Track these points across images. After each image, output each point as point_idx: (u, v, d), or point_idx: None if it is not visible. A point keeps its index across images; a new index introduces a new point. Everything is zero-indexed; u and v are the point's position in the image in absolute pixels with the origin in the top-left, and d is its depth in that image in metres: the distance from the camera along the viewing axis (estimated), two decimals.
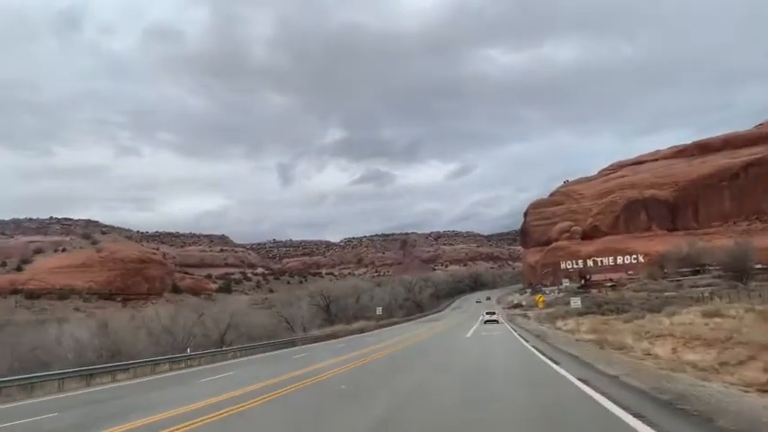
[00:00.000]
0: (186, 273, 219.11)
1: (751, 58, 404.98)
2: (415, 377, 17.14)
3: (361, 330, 58.28)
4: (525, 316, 71.05)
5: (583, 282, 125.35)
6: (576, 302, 32.97)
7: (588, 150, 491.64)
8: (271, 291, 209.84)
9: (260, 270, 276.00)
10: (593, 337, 25.24)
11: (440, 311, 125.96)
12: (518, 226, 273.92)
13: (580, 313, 53.60)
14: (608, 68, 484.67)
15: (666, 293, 71.98)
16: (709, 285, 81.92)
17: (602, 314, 52.73)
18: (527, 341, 28.66)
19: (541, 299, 54.60)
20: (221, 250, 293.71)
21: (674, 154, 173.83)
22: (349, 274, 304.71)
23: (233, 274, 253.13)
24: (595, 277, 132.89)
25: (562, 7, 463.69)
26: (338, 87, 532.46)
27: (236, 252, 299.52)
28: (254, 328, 53.66)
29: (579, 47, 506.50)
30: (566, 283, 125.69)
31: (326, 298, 75.77)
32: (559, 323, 42.92)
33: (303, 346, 45.51)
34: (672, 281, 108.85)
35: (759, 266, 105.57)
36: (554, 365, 17.50)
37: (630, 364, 15.52)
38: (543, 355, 21.48)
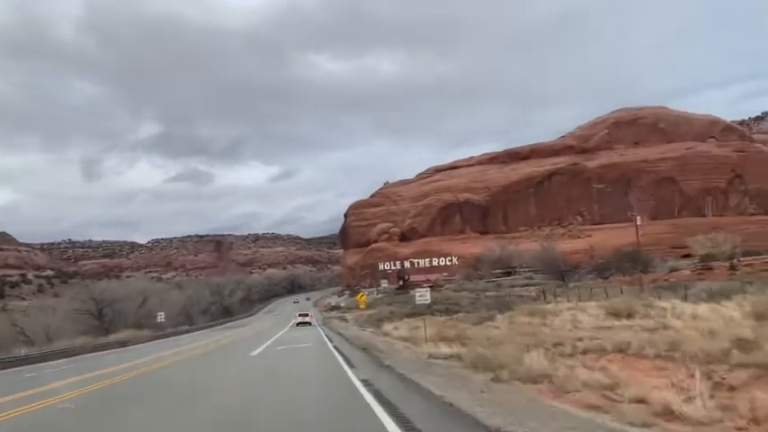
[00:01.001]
0: None
1: (548, 86, 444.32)
2: None
3: (123, 343, 43.82)
4: (343, 319, 61.38)
5: (401, 282, 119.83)
6: (423, 297, 22.44)
7: (407, 160, 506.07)
8: (56, 295, 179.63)
9: (48, 272, 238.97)
10: (455, 351, 15.20)
11: (250, 316, 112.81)
12: (338, 230, 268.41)
13: (408, 315, 44.62)
14: (424, 83, 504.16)
15: (489, 293, 66.39)
16: (527, 285, 78.88)
17: (432, 314, 44.32)
18: (351, 364, 17.87)
19: (363, 298, 45.33)
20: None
21: (488, 160, 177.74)
22: (155, 278, 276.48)
23: (11, 276, 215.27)
24: (413, 278, 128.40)
25: (385, 20, 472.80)
26: (154, 80, 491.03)
27: (18, 252, 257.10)
28: None
29: (399, 60, 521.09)
30: (384, 284, 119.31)
31: (98, 302, 59.45)
32: (387, 327, 33.14)
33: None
34: (488, 281, 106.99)
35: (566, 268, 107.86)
36: None
37: None
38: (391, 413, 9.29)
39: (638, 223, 79.29)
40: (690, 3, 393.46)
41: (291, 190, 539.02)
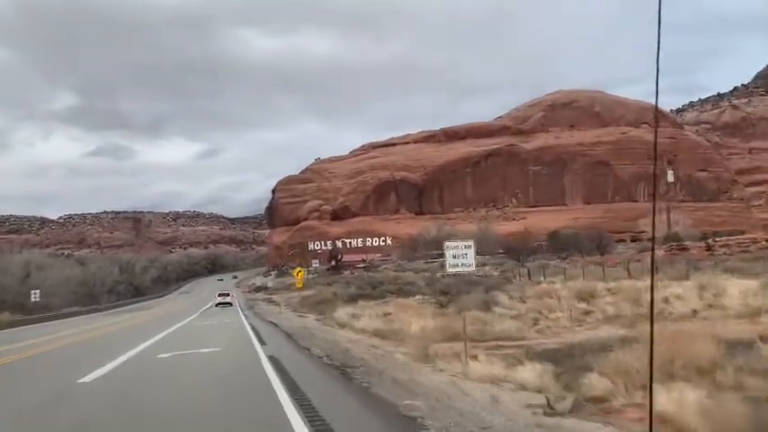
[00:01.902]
0: None
1: (479, 74, 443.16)
2: None
3: None
4: (272, 301, 51.40)
5: (333, 263, 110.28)
6: (462, 259, 12.85)
7: (337, 143, 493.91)
8: None
9: None
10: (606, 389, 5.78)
11: (162, 297, 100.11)
12: (265, 209, 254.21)
13: (356, 297, 35.27)
14: (358, 66, 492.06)
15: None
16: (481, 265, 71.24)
17: (382, 297, 35.23)
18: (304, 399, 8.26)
19: (300, 274, 35.82)
20: None
21: (424, 139, 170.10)
22: (67, 255, 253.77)
23: None
24: (346, 258, 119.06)
25: (319, 1, 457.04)
26: (73, 49, 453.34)
27: None
28: None
29: (333, 41, 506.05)
30: (315, 264, 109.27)
31: None
32: (340, 314, 23.60)
33: None
34: (427, 262, 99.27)
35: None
36: None
37: None
38: None
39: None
40: (614, 5, 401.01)
41: (216, 169, 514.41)
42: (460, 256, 10.57)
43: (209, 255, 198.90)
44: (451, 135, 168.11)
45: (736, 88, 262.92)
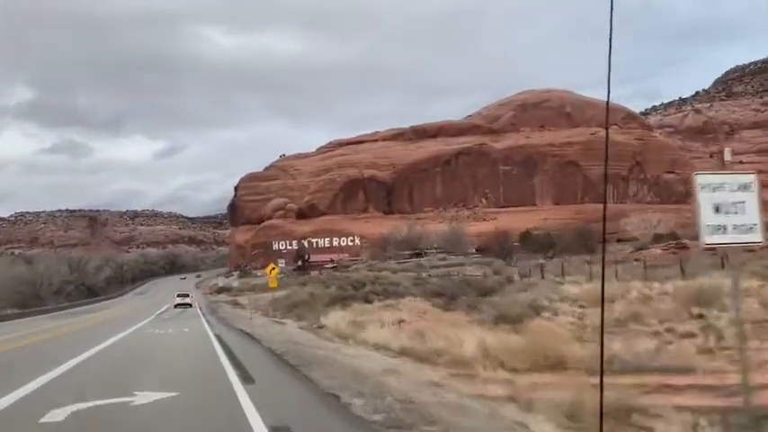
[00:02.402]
0: None
1: (444, 76, 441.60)
2: None
3: None
4: (237, 304, 45.68)
5: (300, 263, 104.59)
6: None
7: (301, 143, 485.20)
8: None
9: None
10: None
11: (116, 298, 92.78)
12: (226, 208, 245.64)
13: (338, 298, 30.09)
14: (322, 66, 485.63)
15: (430, 273, 53.09)
16: (459, 265, 66.79)
17: (367, 300, 30.11)
18: None
19: (274, 272, 29.97)
20: None
21: (393, 136, 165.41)
22: (18, 254, 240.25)
23: None
24: (314, 258, 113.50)
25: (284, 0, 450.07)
26: (29, 42, 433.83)
27: None
28: None
29: (297, 41, 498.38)
30: (281, 264, 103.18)
31: None
32: (334, 320, 18.41)
33: None
34: (399, 263, 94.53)
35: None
36: None
37: None
38: None
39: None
40: (579, 9, 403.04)
41: (177, 168, 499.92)
42: (731, 209, 5.50)
43: (168, 254, 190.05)
44: (421, 133, 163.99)
45: (697, 93, 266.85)
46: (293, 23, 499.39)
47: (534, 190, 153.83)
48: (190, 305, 50.77)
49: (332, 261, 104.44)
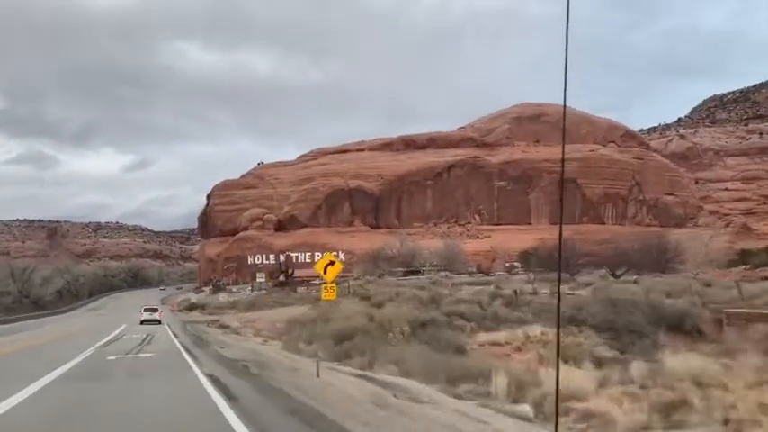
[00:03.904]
0: None
1: (417, 101, 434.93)
2: None
3: None
4: (224, 326, 32.52)
5: (283, 277, 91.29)
6: None
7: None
8: None
9: None
10: None
11: (64, 313, 77.66)
12: (195, 224, 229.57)
13: (414, 326, 17.32)
14: (297, 86, 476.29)
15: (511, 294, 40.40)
16: (484, 283, 54.51)
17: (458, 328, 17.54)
18: None
19: (335, 270, 17.13)
20: None
21: (380, 147, 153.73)
22: None
23: None
24: (297, 273, 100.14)
25: (261, 19, 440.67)
26: None
27: None
28: None
29: (273, 60, 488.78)
30: (261, 279, 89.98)
31: None
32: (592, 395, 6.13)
33: None
34: (401, 278, 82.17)
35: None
36: None
37: None
38: None
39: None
40: (551, 37, 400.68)
41: (146, 182, 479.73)
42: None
43: (131, 267, 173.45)
44: (410, 144, 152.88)
45: (680, 119, 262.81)
46: (269, 42, 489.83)
47: (530, 207, 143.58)
48: (159, 321, 43.20)
49: (320, 276, 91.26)
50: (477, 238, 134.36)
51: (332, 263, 15.32)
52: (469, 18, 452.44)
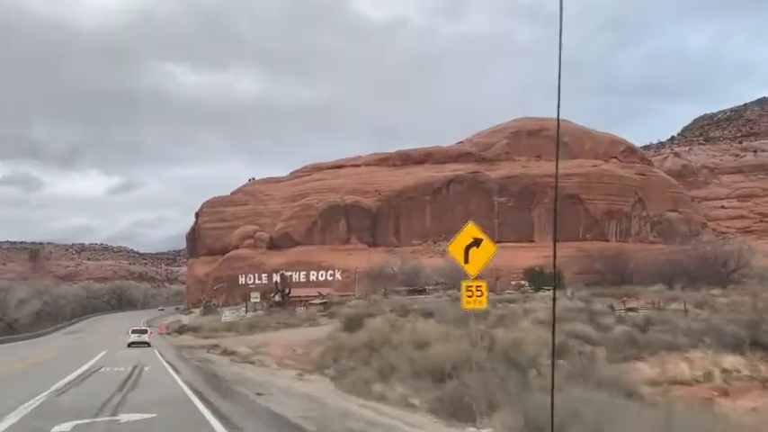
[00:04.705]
0: None
1: (403, 123, 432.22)
2: None
3: None
4: (231, 354, 25.84)
5: (280, 297, 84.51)
6: None
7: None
8: None
9: None
10: None
11: (37, 337, 69.99)
12: (181, 246, 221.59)
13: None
14: (284, 107, 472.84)
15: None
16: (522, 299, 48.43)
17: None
18: None
19: (483, 255, 11.01)
20: None
21: (377, 161, 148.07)
22: None
23: None
24: (294, 292, 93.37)
25: (247, 40, 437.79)
26: None
27: None
28: None
29: (260, 81, 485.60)
30: (256, 298, 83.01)
31: None
32: None
33: None
34: (407, 298, 75.68)
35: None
36: None
37: None
38: None
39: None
40: (532, 62, 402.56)
41: (132, 204, 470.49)
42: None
43: (115, 288, 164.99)
44: (407, 158, 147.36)
45: (673, 137, 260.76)
46: (257, 64, 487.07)
47: (532, 224, 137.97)
48: (148, 344, 40.02)
49: (320, 296, 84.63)
50: None
51: (476, 242, 9.22)
52: (457, 42, 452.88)
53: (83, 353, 31.41)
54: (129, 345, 39.41)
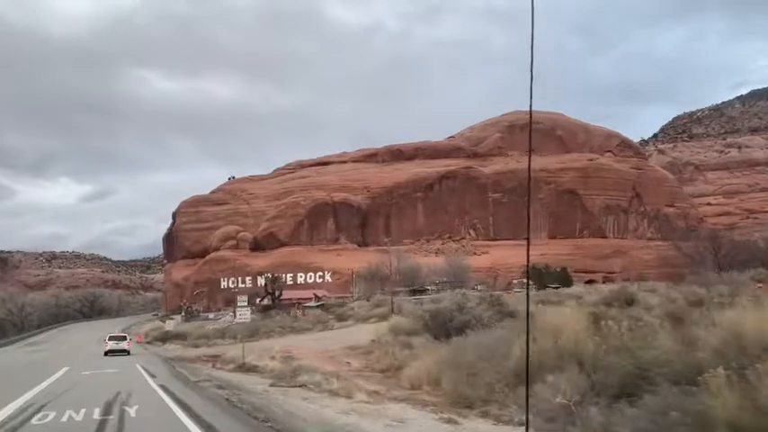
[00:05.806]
0: None
1: (380, 130, 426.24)
2: None
3: None
4: (251, 371, 18.29)
5: (271, 301, 76.42)
6: None
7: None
8: None
9: None
10: None
11: None
12: (156, 254, 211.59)
13: None
14: (260, 113, 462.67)
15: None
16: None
17: None
18: None
19: None
20: None
21: (364, 158, 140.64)
22: None
23: None
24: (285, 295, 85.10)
25: (222, 47, 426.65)
26: None
27: None
28: None
29: (236, 87, 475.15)
30: (242, 302, 74.45)
31: None
32: None
33: None
34: (413, 298, 68.28)
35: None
36: None
37: None
38: None
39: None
40: (511, 66, 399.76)
41: (105, 212, 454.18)
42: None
43: (87, 295, 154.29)
44: (396, 154, 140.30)
45: (656, 135, 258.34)
46: (232, 70, 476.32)
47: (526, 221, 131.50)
48: (127, 352, 37.53)
49: (316, 298, 76.74)
50: (475, 254, 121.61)
51: None
52: (434, 46, 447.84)
53: (37, 373, 23.13)
54: (107, 353, 36.88)
